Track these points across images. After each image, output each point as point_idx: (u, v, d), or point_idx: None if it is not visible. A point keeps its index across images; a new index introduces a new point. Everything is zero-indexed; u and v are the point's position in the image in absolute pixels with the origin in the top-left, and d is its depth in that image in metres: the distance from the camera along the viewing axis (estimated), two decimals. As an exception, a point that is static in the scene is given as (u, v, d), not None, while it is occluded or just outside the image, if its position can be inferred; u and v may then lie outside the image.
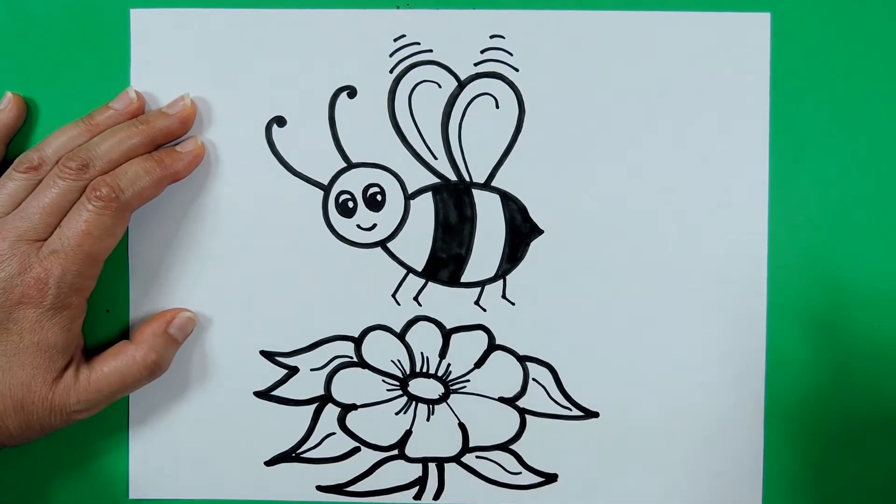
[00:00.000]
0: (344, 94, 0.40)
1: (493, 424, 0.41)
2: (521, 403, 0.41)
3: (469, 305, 0.41)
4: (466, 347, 0.41)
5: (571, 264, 0.41)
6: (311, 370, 0.41)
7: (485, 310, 0.41)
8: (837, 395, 0.41)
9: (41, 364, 0.36)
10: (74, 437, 0.41)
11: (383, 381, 0.41)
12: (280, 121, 0.41)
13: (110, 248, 0.37)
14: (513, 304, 0.41)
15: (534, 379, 0.41)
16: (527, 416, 0.41)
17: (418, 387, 0.41)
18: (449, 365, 0.41)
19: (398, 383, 0.41)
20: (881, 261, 0.41)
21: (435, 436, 0.41)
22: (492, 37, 0.40)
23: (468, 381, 0.41)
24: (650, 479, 0.41)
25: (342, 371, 0.41)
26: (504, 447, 0.41)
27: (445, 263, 0.41)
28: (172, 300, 0.41)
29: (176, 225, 0.41)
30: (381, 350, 0.41)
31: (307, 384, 0.41)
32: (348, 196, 0.41)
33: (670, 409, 0.41)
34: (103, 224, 0.36)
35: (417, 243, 0.41)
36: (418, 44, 0.40)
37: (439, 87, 0.40)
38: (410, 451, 0.42)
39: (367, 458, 0.42)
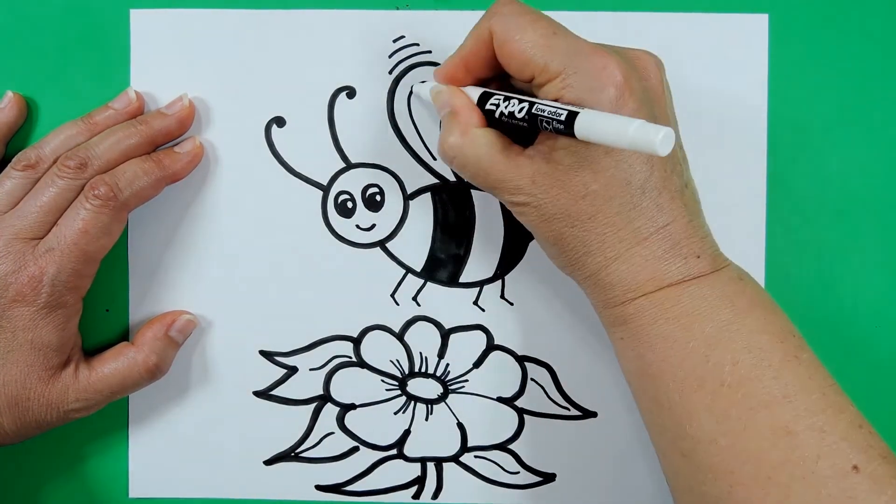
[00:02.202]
0: (343, 95, 0.41)
1: (491, 424, 0.41)
2: (519, 403, 0.41)
3: (468, 305, 0.41)
4: (465, 347, 0.41)
5: (570, 264, 0.41)
6: (311, 370, 0.41)
7: (483, 310, 0.41)
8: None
9: (35, 362, 0.36)
10: (74, 437, 0.41)
11: (382, 380, 0.41)
12: (279, 121, 0.41)
13: (107, 247, 0.37)
14: (511, 304, 0.41)
15: (532, 379, 0.41)
16: (525, 416, 0.41)
17: (417, 386, 0.41)
18: (448, 365, 0.41)
19: (397, 383, 0.41)
20: (879, 260, 0.41)
21: (433, 435, 0.41)
22: (491, 38, 0.40)
23: (467, 380, 0.41)
24: (648, 479, 0.41)
25: (341, 371, 0.41)
26: (502, 447, 0.41)
27: (444, 263, 0.41)
28: (172, 300, 0.41)
29: (175, 225, 0.41)
30: (380, 350, 0.41)
31: (306, 384, 0.41)
32: (347, 196, 0.41)
33: (668, 409, 0.41)
34: (100, 223, 0.36)
35: (416, 243, 0.41)
36: (417, 45, 0.40)
37: (438, 87, 0.40)
38: (409, 450, 0.42)
39: (366, 457, 0.42)
